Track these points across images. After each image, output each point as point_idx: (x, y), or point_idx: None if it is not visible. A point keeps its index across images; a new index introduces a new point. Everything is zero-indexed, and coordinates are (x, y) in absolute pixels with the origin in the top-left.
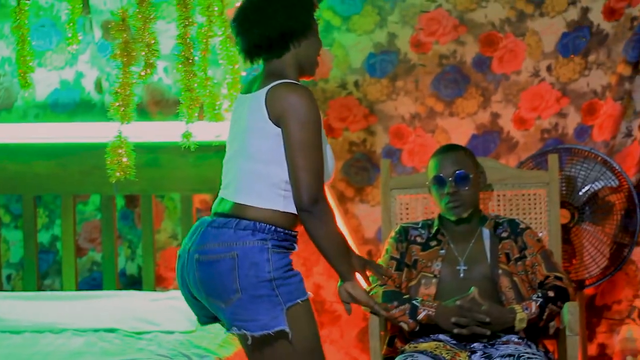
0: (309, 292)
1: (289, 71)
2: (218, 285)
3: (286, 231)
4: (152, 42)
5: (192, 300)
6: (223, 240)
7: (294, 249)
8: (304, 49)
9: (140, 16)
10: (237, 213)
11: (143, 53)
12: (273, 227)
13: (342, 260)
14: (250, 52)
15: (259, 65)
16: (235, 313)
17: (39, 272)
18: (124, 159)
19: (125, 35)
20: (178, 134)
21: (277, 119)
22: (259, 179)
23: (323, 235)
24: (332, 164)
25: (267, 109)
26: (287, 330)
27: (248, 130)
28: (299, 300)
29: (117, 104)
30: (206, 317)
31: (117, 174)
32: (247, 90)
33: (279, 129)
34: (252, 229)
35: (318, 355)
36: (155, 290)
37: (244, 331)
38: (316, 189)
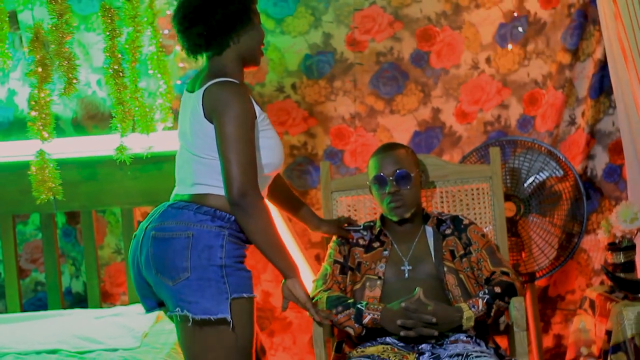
0: (255, 294)
1: (230, 66)
2: (169, 261)
3: None
4: (71, 56)
5: (141, 282)
6: (182, 219)
7: (250, 243)
8: (244, 43)
9: (58, 30)
10: (198, 200)
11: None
12: (233, 218)
13: (279, 255)
14: (192, 49)
15: (195, 72)
16: (181, 292)
17: None
18: (50, 183)
19: (40, 51)
20: (114, 147)
21: (209, 116)
22: (214, 174)
23: (254, 230)
24: (278, 155)
25: (202, 107)
26: (229, 319)
27: (191, 130)
28: (244, 295)
29: (37, 122)
30: (152, 304)
31: (43, 195)
32: (191, 87)
33: (213, 126)
34: (212, 215)
35: (248, 354)
36: (101, 307)
37: (187, 312)
38: (245, 182)
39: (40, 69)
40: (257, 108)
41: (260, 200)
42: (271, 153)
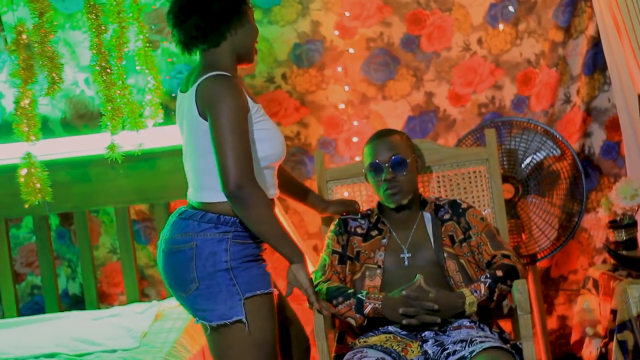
0: (273, 288)
1: (224, 61)
2: (178, 275)
3: None
4: (55, 55)
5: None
6: (186, 231)
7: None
8: (240, 36)
9: (40, 30)
10: (204, 207)
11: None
12: (238, 220)
13: (282, 242)
14: (187, 43)
15: (184, 66)
16: (195, 303)
17: None
18: (37, 184)
19: (23, 52)
20: (105, 146)
21: (203, 113)
22: (214, 175)
23: (255, 220)
24: (278, 145)
25: (196, 105)
26: (244, 320)
27: (190, 130)
28: (258, 292)
29: (22, 124)
30: None
31: (32, 198)
32: (185, 87)
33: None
34: (216, 222)
35: (271, 348)
36: (99, 308)
37: (202, 321)
38: (240, 174)
39: (23, 70)
40: (250, 101)
41: (257, 190)
42: (270, 144)
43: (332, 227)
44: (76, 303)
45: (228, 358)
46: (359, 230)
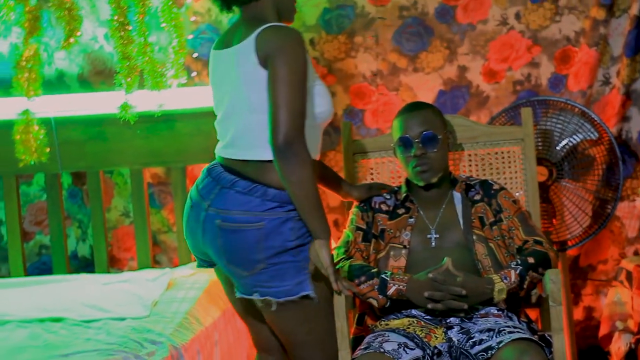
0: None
1: (269, 16)
2: (243, 254)
3: None
4: (73, 6)
5: (194, 246)
6: (249, 209)
7: None
8: None
9: None
10: (260, 177)
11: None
12: None
13: (314, 214)
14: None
15: (208, 26)
16: (258, 280)
17: None
18: (34, 143)
19: (28, 0)
20: (118, 105)
21: (264, 61)
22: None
23: (294, 181)
24: (325, 106)
25: (256, 54)
26: (312, 295)
27: (244, 84)
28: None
29: (22, 78)
30: (205, 262)
31: (27, 157)
32: (226, 44)
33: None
34: (280, 201)
35: (332, 318)
36: (108, 272)
37: (268, 297)
38: (293, 129)
39: (28, 21)
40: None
41: (305, 150)
42: (324, 100)
43: (355, 202)
44: (85, 266)
45: (299, 333)
46: (383, 207)
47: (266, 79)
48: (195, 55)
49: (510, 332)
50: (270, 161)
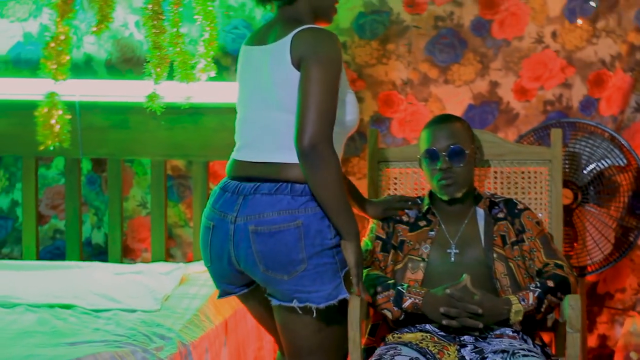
0: None
1: (305, 15)
2: (283, 257)
3: None
4: None
5: (228, 272)
6: (282, 208)
7: None
8: None
9: None
10: (284, 176)
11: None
12: None
13: (342, 215)
14: None
15: (241, 22)
16: (299, 284)
17: None
18: (57, 126)
19: None
20: (146, 94)
21: (298, 63)
22: None
23: (319, 183)
24: (354, 114)
25: (291, 54)
26: (348, 297)
27: (274, 83)
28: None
29: (51, 60)
30: (229, 287)
31: (48, 141)
32: (260, 41)
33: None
34: (309, 195)
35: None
36: (122, 262)
37: (308, 303)
38: (319, 131)
39: (62, 3)
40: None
41: (331, 152)
42: (353, 109)
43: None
44: (98, 253)
45: (314, 339)
46: (405, 219)
47: (298, 80)
48: (226, 50)
49: (524, 355)
50: (293, 163)
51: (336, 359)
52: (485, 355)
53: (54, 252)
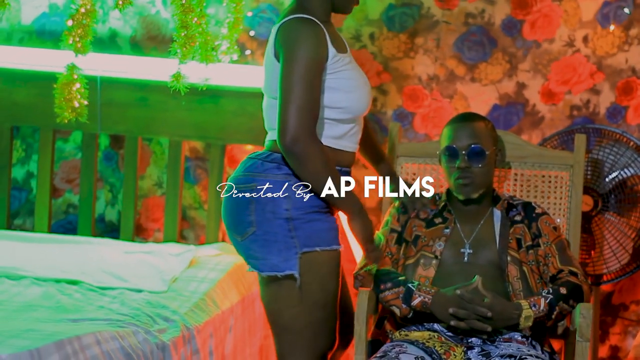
0: (338, 245)
1: (317, 3)
2: (236, 216)
3: None
4: None
5: None
6: (249, 170)
7: None
8: None
9: None
10: (271, 147)
11: None
12: None
13: (337, 200)
14: None
15: (269, 6)
16: (249, 248)
17: (10, 209)
18: (75, 102)
19: None
20: (171, 73)
21: (278, 54)
22: None
23: (308, 176)
24: (360, 98)
25: (274, 46)
26: (297, 276)
27: (266, 69)
28: (317, 248)
29: (73, 32)
30: None
31: (66, 114)
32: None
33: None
34: (279, 162)
35: (328, 312)
36: (133, 241)
37: (254, 269)
38: (298, 128)
39: None
40: (332, 49)
41: (313, 145)
42: (348, 96)
43: (394, 204)
44: (110, 230)
45: (275, 312)
46: (422, 214)
47: (277, 70)
48: (252, 33)
49: None
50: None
51: (312, 346)
52: (492, 359)
53: (66, 226)
